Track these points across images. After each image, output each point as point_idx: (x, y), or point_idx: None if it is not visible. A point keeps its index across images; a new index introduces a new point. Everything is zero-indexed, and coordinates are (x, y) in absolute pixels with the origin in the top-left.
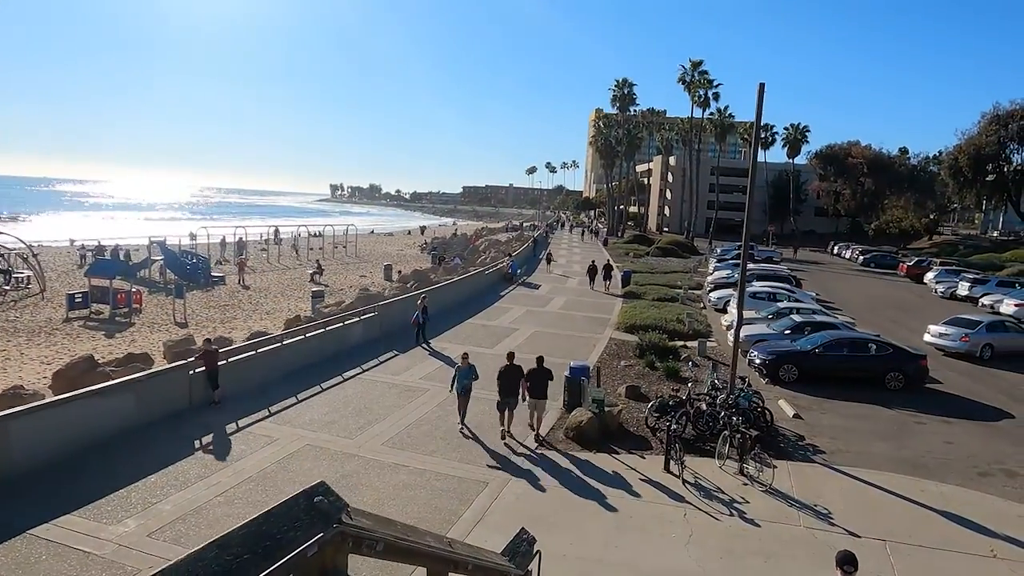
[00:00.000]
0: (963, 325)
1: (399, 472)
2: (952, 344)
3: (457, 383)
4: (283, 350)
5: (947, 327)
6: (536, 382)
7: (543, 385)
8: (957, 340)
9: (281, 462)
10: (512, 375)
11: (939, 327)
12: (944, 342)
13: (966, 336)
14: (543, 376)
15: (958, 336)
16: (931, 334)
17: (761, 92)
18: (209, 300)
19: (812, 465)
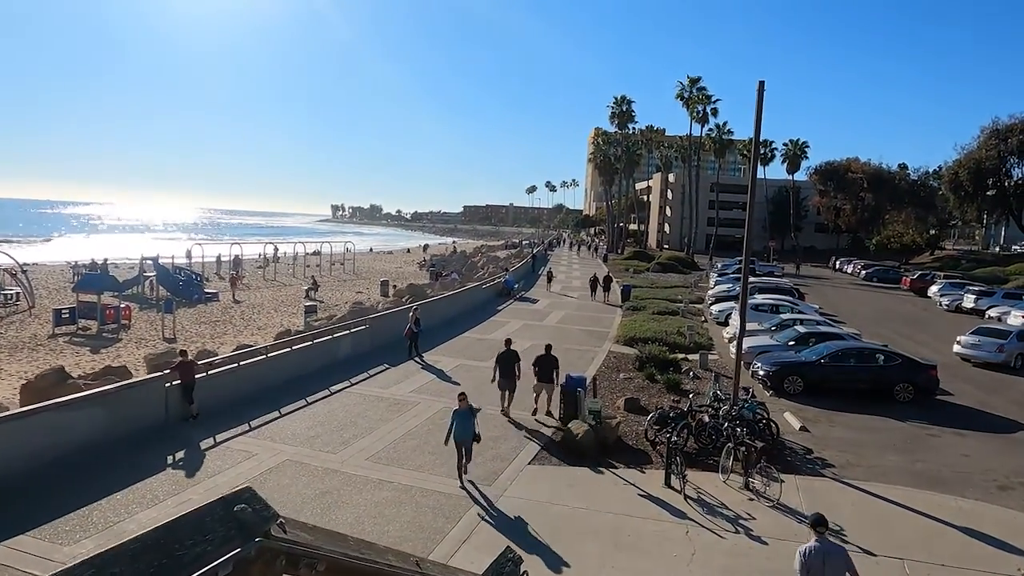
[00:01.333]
0: (993, 335)
1: (383, 488)
2: (986, 354)
3: (454, 430)
4: (268, 363)
5: (978, 337)
6: (543, 367)
7: (550, 370)
8: (992, 350)
9: (257, 478)
10: (509, 359)
11: (970, 337)
12: (977, 352)
13: (1001, 347)
14: (550, 362)
15: (993, 347)
16: (962, 345)
17: (761, 91)
18: (201, 316)
19: (822, 479)
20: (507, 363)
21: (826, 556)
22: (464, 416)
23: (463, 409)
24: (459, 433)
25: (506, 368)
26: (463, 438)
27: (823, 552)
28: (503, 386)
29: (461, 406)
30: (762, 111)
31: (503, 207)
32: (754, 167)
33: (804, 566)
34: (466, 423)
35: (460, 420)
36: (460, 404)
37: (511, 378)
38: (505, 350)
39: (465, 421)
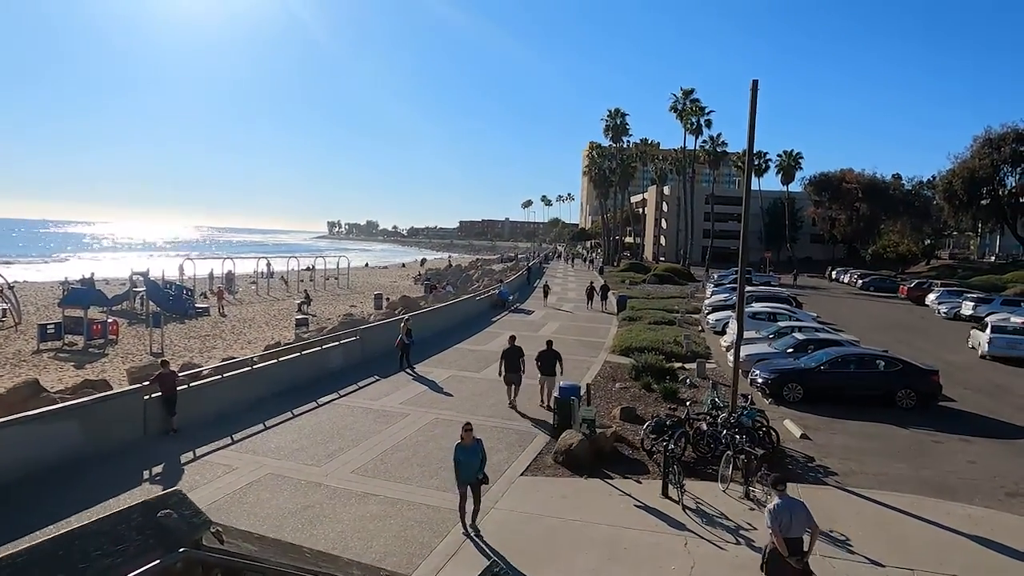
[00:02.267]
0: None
1: (368, 502)
2: None
3: (459, 468)
4: (253, 375)
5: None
6: (546, 362)
7: (552, 364)
8: None
9: (236, 493)
10: (514, 354)
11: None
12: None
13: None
14: (552, 357)
15: None
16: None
17: (754, 90)
18: (190, 330)
19: (825, 488)
20: (512, 358)
21: (791, 510)
22: (471, 452)
23: (469, 443)
24: (465, 472)
25: (511, 363)
26: (468, 478)
27: (788, 507)
28: (509, 380)
29: (465, 440)
30: (756, 111)
31: (499, 222)
32: (749, 167)
33: (776, 522)
34: (473, 460)
35: (466, 456)
36: (464, 438)
37: (516, 372)
38: (509, 346)
39: (471, 457)
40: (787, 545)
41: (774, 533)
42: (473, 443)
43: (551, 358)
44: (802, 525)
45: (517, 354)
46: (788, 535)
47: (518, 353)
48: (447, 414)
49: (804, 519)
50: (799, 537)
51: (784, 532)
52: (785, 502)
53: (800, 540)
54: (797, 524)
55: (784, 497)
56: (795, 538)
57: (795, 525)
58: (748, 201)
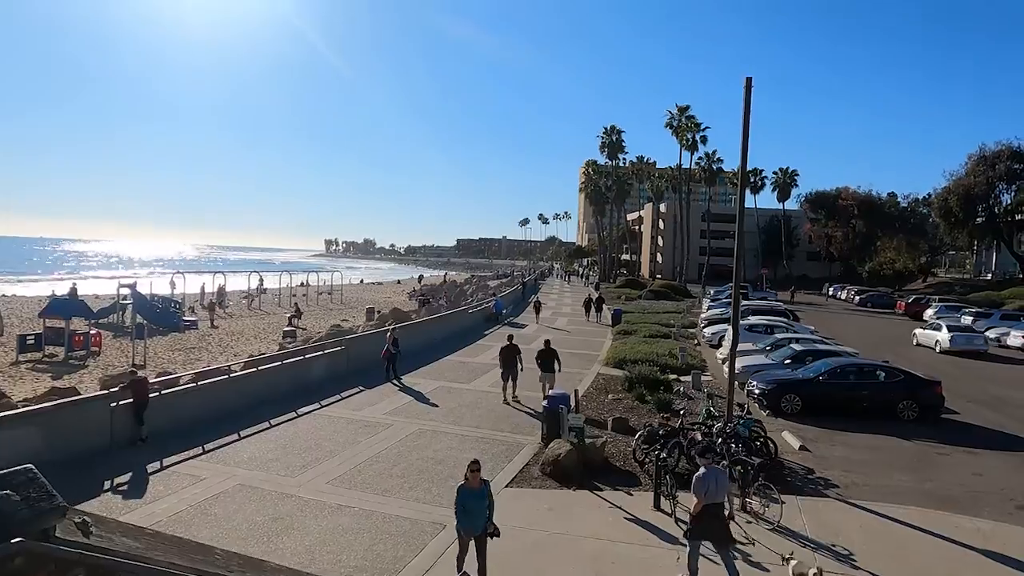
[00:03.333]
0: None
1: (341, 514)
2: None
3: (462, 516)
4: (231, 385)
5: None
6: (545, 360)
7: (551, 361)
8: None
9: (201, 504)
10: (511, 352)
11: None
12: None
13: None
14: (550, 355)
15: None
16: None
17: (748, 87)
18: (176, 343)
19: (826, 500)
20: (509, 355)
21: (717, 477)
22: (478, 497)
23: (476, 486)
24: (470, 520)
25: (508, 359)
26: (475, 528)
27: (714, 475)
28: (506, 376)
29: (471, 482)
30: (750, 109)
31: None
32: (743, 164)
33: (702, 488)
34: (480, 506)
35: (471, 502)
36: (469, 479)
37: (513, 368)
38: (508, 344)
39: (478, 503)
40: (711, 509)
41: (698, 498)
42: (481, 486)
43: (549, 357)
44: (724, 491)
45: (514, 352)
46: (713, 500)
47: (515, 351)
48: (431, 424)
49: (725, 484)
50: (721, 502)
51: (709, 498)
52: (710, 471)
53: (722, 504)
54: (720, 490)
55: (709, 467)
56: (718, 503)
57: (718, 491)
58: (743, 197)
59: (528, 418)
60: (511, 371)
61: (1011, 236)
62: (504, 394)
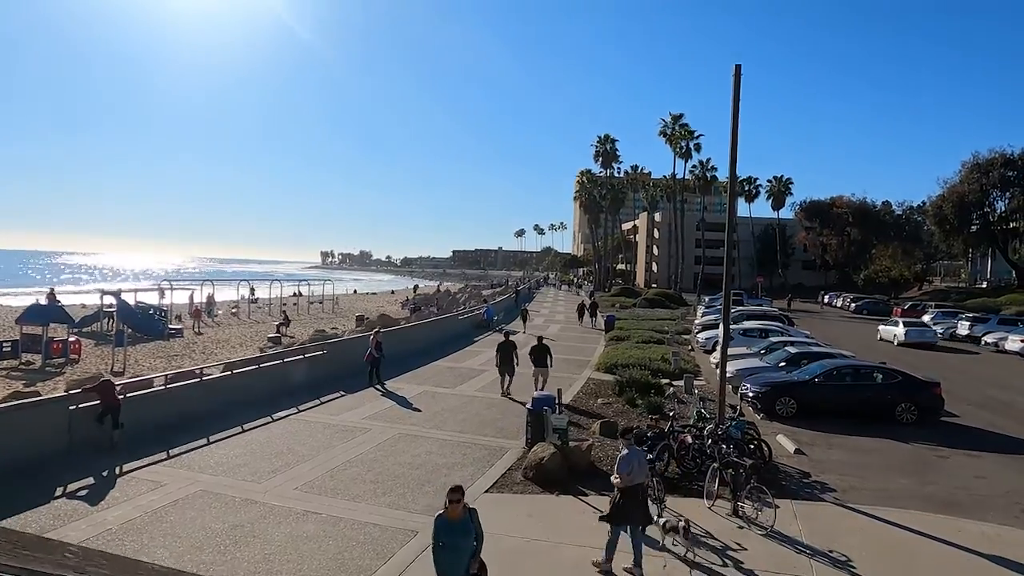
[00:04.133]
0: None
1: (306, 521)
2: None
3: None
4: (204, 388)
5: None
6: (538, 355)
7: (544, 357)
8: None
9: (157, 512)
10: (507, 348)
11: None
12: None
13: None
14: (543, 351)
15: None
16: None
17: (738, 75)
18: (160, 350)
19: (822, 504)
20: (506, 351)
21: (639, 459)
22: (458, 531)
23: (457, 517)
24: (445, 560)
25: (505, 355)
26: (451, 570)
27: (636, 456)
28: (503, 371)
29: (451, 512)
30: (739, 98)
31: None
32: (733, 154)
33: (626, 470)
34: (462, 542)
35: (451, 536)
36: (450, 510)
37: (510, 363)
38: (504, 340)
39: (459, 538)
40: (632, 490)
41: (620, 479)
42: (463, 516)
43: (542, 352)
44: (644, 472)
45: (511, 348)
46: (634, 481)
47: (511, 347)
48: (412, 429)
49: (645, 465)
50: (641, 483)
51: (631, 480)
52: (632, 452)
53: (643, 485)
54: (640, 471)
55: (631, 448)
56: (638, 484)
57: (640, 473)
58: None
59: (515, 421)
60: (508, 367)
61: (1006, 243)
62: (503, 388)
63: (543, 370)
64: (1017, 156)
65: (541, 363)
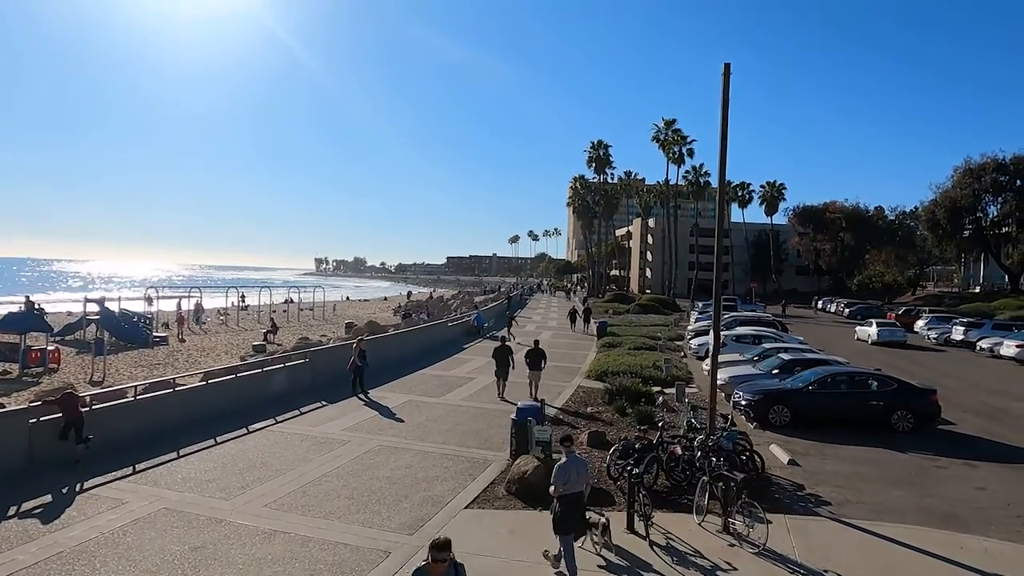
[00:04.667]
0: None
1: (274, 541)
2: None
3: None
4: (178, 399)
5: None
6: (533, 359)
7: (538, 361)
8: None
9: (115, 532)
10: (504, 353)
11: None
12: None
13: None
14: (538, 355)
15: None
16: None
17: (727, 74)
18: (142, 358)
19: (817, 519)
20: (502, 356)
21: (577, 466)
22: None
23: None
24: None
25: (501, 359)
26: None
27: (574, 464)
28: (499, 375)
29: (432, 569)
30: (729, 98)
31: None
32: (723, 154)
33: (563, 478)
34: None
35: None
36: (431, 566)
37: (505, 367)
38: (501, 345)
39: None
40: (570, 499)
41: (556, 487)
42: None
43: (537, 356)
44: (582, 480)
45: (507, 352)
46: (571, 490)
47: (507, 352)
48: (393, 441)
49: (584, 474)
50: (580, 491)
51: (568, 488)
52: (570, 459)
53: (581, 493)
54: (577, 480)
55: (570, 455)
56: (577, 492)
57: (578, 480)
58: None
59: (501, 432)
60: (504, 370)
61: (998, 248)
62: (499, 392)
63: (536, 373)
64: (1009, 161)
65: (535, 366)
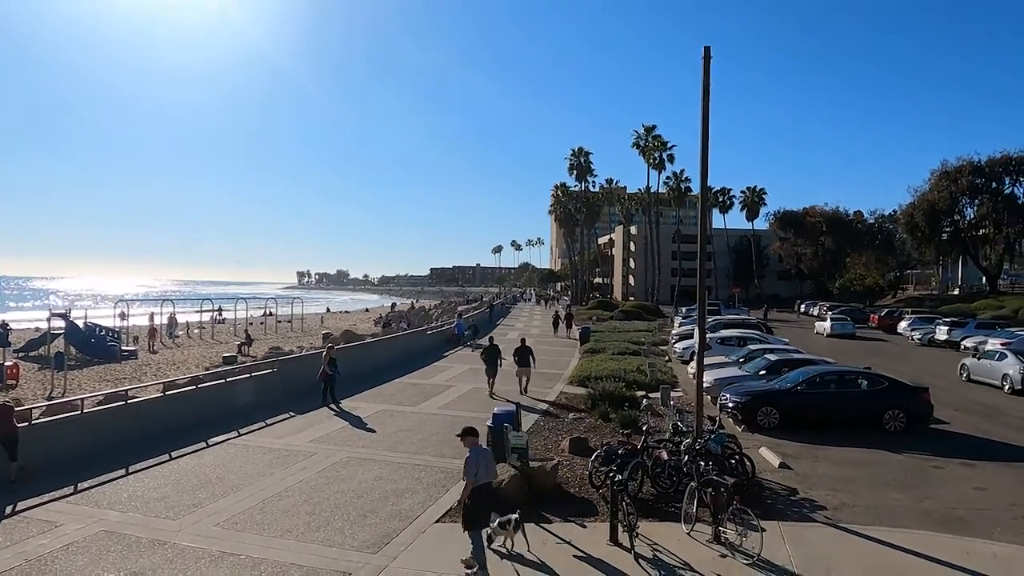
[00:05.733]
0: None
1: (221, 565)
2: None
3: None
4: (130, 412)
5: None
6: (521, 356)
7: (526, 358)
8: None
9: (43, 559)
10: (493, 352)
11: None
12: None
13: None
14: (525, 352)
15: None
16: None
17: (707, 58)
18: (108, 373)
19: (813, 525)
20: (491, 355)
21: (485, 457)
22: None
23: None
24: None
25: (490, 359)
26: None
27: (483, 455)
28: (489, 373)
29: None
30: (709, 83)
31: (470, 268)
32: (704, 147)
33: (473, 470)
34: None
35: None
36: None
37: (494, 365)
38: (489, 345)
39: None
40: (480, 491)
41: (468, 482)
42: None
43: (525, 353)
44: (491, 472)
45: (495, 352)
46: (481, 481)
47: (496, 351)
48: (363, 452)
49: (494, 466)
50: (489, 482)
51: (479, 480)
52: (476, 451)
53: (490, 484)
54: (487, 471)
55: (475, 447)
56: (486, 483)
57: (485, 473)
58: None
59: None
60: (492, 369)
61: (976, 249)
62: (489, 388)
63: (526, 370)
64: (984, 163)
65: (523, 363)
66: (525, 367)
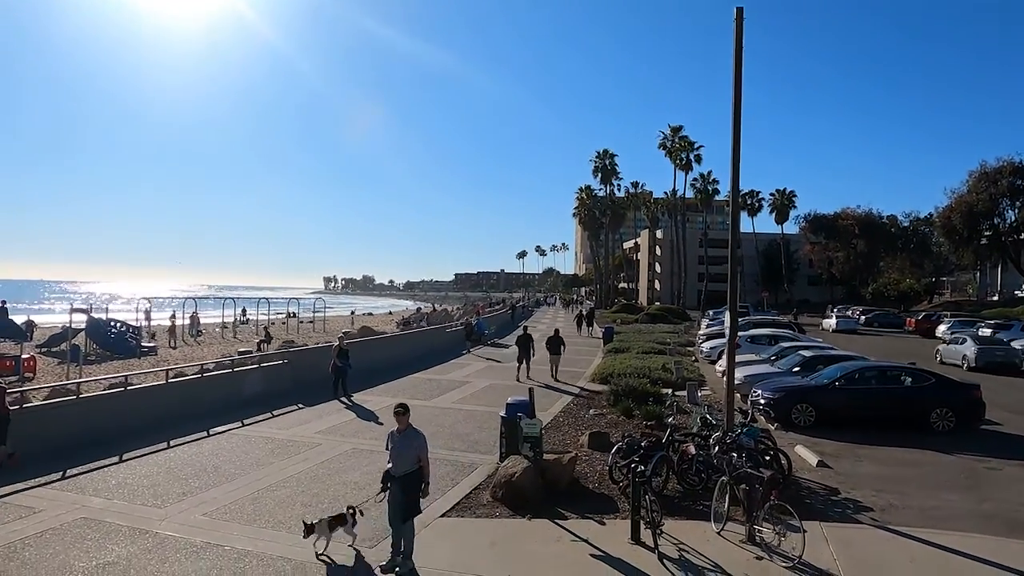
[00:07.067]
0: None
1: (203, 556)
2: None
3: None
4: (130, 399)
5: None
6: (553, 345)
7: (557, 347)
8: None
9: (15, 544)
10: (526, 340)
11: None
12: None
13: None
14: (557, 342)
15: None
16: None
17: (739, 19)
18: (127, 367)
19: (859, 527)
20: (524, 343)
21: (411, 436)
22: None
23: None
24: None
25: (523, 346)
26: None
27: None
28: (520, 358)
29: None
30: (742, 48)
31: (494, 273)
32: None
33: None
34: None
35: None
36: None
37: (526, 351)
38: (523, 333)
39: None
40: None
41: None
42: None
43: (556, 343)
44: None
45: (528, 340)
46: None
47: (529, 339)
48: (369, 444)
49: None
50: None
51: None
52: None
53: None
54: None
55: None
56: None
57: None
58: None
59: (492, 434)
60: (525, 354)
61: (1018, 254)
62: (518, 374)
63: (556, 358)
64: None
65: (555, 351)
66: (556, 354)
